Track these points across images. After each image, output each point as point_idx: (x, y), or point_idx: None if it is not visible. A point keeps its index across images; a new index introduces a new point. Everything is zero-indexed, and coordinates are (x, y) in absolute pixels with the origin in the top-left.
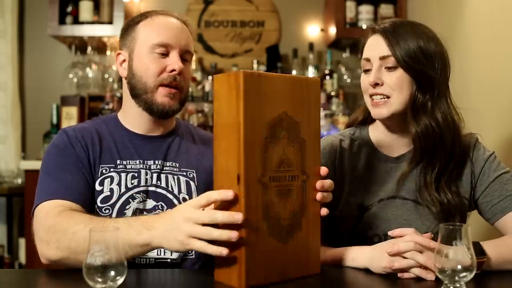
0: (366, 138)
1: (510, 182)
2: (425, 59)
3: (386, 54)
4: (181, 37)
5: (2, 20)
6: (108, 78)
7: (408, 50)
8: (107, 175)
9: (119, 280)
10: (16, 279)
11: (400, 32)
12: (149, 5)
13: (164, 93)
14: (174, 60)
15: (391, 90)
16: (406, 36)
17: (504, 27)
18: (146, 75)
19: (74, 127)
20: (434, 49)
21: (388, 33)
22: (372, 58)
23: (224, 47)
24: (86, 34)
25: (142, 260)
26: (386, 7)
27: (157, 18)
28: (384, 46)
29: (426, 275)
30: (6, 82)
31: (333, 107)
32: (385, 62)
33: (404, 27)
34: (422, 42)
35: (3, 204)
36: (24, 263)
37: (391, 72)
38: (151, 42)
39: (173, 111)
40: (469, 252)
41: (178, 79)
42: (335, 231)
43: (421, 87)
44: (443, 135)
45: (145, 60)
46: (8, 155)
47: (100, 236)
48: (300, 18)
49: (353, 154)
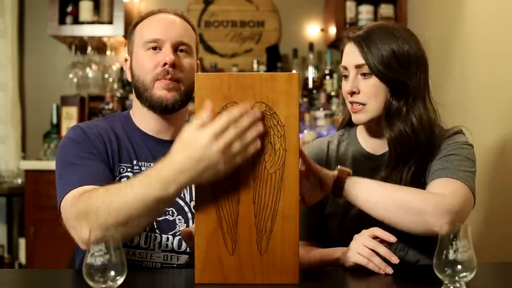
0: (353, 138)
1: (454, 161)
2: (399, 65)
3: (360, 63)
4: (172, 29)
5: (2, 20)
6: (108, 78)
7: (381, 57)
8: (124, 175)
9: (119, 280)
10: (16, 279)
11: (373, 39)
12: (149, 5)
13: (160, 86)
14: (166, 53)
15: (367, 98)
16: (379, 43)
17: (504, 27)
18: (143, 72)
19: (88, 124)
20: (409, 52)
21: (361, 41)
22: (349, 66)
23: (224, 47)
24: (86, 34)
25: (149, 264)
26: (386, 7)
27: (151, 17)
28: (358, 55)
29: (385, 268)
30: (6, 82)
31: (333, 107)
32: (361, 70)
33: (378, 33)
34: (395, 46)
35: (3, 204)
36: (24, 263)
37: (366, 79)
38: (143, 40)
39: (174, 104)
40: (469, 252)
41: (171, 72)
42: (325, 229)
43: (396, 93)
44: (418, 138)
45: (140, 58)
46: (8, 155)
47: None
48: (300, 18)
49: (340, 154)
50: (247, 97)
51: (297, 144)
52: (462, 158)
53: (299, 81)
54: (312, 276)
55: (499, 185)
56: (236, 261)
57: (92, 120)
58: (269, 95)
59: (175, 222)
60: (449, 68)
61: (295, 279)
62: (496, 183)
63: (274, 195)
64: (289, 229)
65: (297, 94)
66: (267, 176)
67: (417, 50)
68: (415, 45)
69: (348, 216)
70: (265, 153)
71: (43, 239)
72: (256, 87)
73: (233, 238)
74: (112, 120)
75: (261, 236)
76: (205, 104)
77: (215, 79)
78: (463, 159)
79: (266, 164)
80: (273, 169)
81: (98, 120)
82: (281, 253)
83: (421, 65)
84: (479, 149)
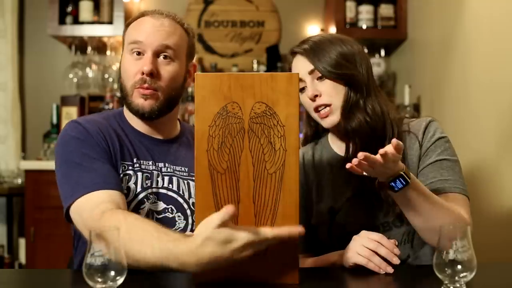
0: (326, 145)
1: (448, 169)
2: (347, 61)
3: (311, 68)
4: (156, 33)
5: (2, 20)
6: (108, 78)
7: (329, 60)
8: (126, 173)
9: (119, 280)
10: (16, 279)
11: (317, 47)
12: (149, 5)
13: (138, 94)
14: (144, 61)
15: (329, 98)
16: (324, 49)
17: (504, 28)
18: (126, 78)
19: (87, 119)
20: (352, 50)
21: (308, 51)
22: (302, 75)
23: (224, 47)
24: (86, 34)
25: None
26: (386, 7)
27: (140, 18)
28: (307, 62)
29: (386, 267)
30: (6, 82)
31: None
32: (315, 75)
33: (320, 42)
34: (339, 47)
35: (3, 204)
36: (24, 263)
37: (323, 81)
38: (127, 42)
39: (150, 113)
40: (469, 252)
41: (148, 81)
42: (316, 239)
43: (352, 87)
44: (375, 126)
45: (125, 61)
46: (8, 155)
47: (101, 235)
48: (300, 18)
49: (316, 163)
50: (247, 97)
51: (297, 144)
52: (453, 161)
53: (299, 81)
54: (312, 276)
55: (499, 185)
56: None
57: (88, 116)
58: (269, 95)
59: (174, 219)
60: (449, 68)
61: (295, 279)
62: (496, 183)
63: (274, 195)
64: None
65: (297, 94)
66: (267, 176)
67: (358, 48)
68: (355, 44)
69: (334, 224)
70: (265, 153)
71: (43, 239)
72: (256, 87)
73: None
74: (108, 117)
75: None
76: (226, 208)
77: (215, 79)
78: (454, 162)
79: (266, 164)
80: (273, 169)
81: (94, 115)
82: (281, 253)
83: (364, 60)
84: (479, 149)
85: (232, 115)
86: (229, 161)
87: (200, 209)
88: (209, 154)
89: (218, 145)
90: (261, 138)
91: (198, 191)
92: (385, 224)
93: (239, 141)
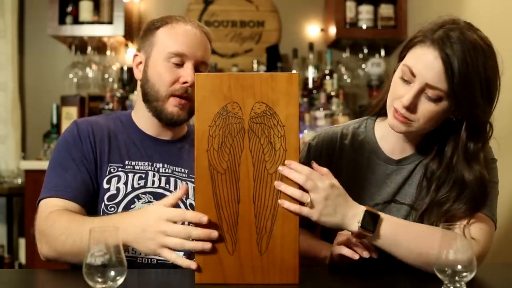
0: (370, 135)
1: (493, 192)
2: (482, 97)
3: (438, 86)
4: (198, 48)
5: (2, 20)
6: (108, 78)
7: (473, 103)
8: (115, 174)
9: (119, 280)
10: (16, 279)
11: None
12: (149, 5)
13: (174, 103)
14: (188, 72)
15: (420, 120)
16: (471, 67)
17: (504, 28)
18: (159, 83)
19: (87, 120)
20: (495, 82)
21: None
22: (419, 77)
23: (224, 47)
24: (86, 34)
25: (144, 260)
26: (386, 7)
27: (176, 25)
28: (442, 74)
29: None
30: (6, 82)
31: (333, 107)
32: (432, 92)
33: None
34: (483, 74)
35: (3, 204)
36: (24, 263)
37: (431, 102)
38: (167, 50)
39: (181, 121)
40: (469, 252)
41: (189, 91)
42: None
43: (473, 131)
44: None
45: (160, 68)
46: (8, 155)
47: (101, 235)
48: (300, 18)
49: (354, 151)
50: (247, 97)
51: (297, 144)
52: (496, 186)
53: (299, 81)
54: (312, 276)
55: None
56: (236, 261)
57: (93, 117)
58: (269, 95)
59: None
60: None
61: (295, 279)
62: None
63: (274, 195)
64: (289, 229)
65: (297, 94)
66: (267, 176)
67: (499, 77)
68: (498, 71)
69: None
70: (265, 153)
71: None
72: (256, 87)
73: (233, 238)
74: (112, 118)
75: (261, 236)
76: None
77: (215, 79)
78: (496, 187)
79: (266, 164)
80: (273, 169)
81: (100, 116)
82: (281, 253)
83: (496, 96)
84: None
85: (232, 115)
86: (229, 161)
87: (200, 209)
88: (209, 154)
89: (218, 145)
90: (261, 138)
91: (198, 191)
92: None
93: (239, 141)
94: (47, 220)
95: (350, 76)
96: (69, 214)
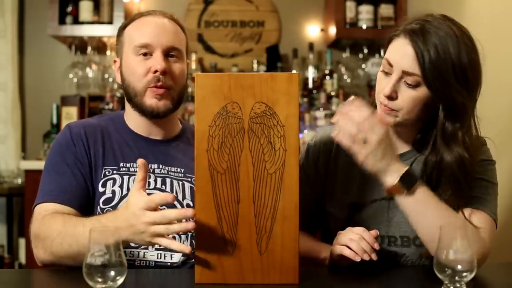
0: None
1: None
2: (456, 80)
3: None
4: (163, 34)
5: (2, 20)
6: (108, 78)
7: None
8: (110, 177)
9: (119, 280)
10: (16, 279)
11: (432, 40)
12: (149, 5)
13: (151, 95)
14: (157, 60)
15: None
16: (441, 51)
17: (504, 28)
18: (133, 78)
19: (80, 123)
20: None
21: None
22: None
23: (224, 47)
24: (86, 34)
25: (142, 263)
26: (386, 7)
27: (142, 19)
28: (414, 60)
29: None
30: (6, 82)
31: (333, 107)
32: (409, 78)
33: (442, 38)
34: (456, 58)
35: (3, 204)
36: (24, 263)
37: (410, 88)
38: (133, 44)
39: (164, 112)
40: (469, 252)
41: (162, 79)
42: (327, 227)
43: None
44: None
45: (131, 63)
46: (8, 155)
47: (101, 235)
48: (300, 18)
49: None
50: (247, 97)
51: (297, 144)
52: (495, 187)
53: (299, 81)
54: (312, 276)
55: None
56: (236, 261)
57: (87, 119)
58: (269, 95)
59: None
60: None
61: (295, 279)
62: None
63: (274, 195)
64: (289, 229)
65: (297, 94)
66: (267, 176)
67: (478, 62)
68: (476, 55)
69: (353, 220)
70: (265, 153)
71: None
72: (256, 87)
73: (233, 238)
74: (106, 120)
75: (261, 236)
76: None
77: (215, 79)
78: (495, 188)
79: (266, 164)
80: (273, 169)
81: (93, 118)
82: (281, 253)
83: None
84: None
85: (232, 115)
86: (229, 161)
87: (200, 209)
88: (209, 154)
89: (218, 145)
90: (261, 138)
91: (198, 191)
92: (405, 238)
93: (239, 141)
94: (41, 224)
95: (350, 76)
96: (63, 216)
